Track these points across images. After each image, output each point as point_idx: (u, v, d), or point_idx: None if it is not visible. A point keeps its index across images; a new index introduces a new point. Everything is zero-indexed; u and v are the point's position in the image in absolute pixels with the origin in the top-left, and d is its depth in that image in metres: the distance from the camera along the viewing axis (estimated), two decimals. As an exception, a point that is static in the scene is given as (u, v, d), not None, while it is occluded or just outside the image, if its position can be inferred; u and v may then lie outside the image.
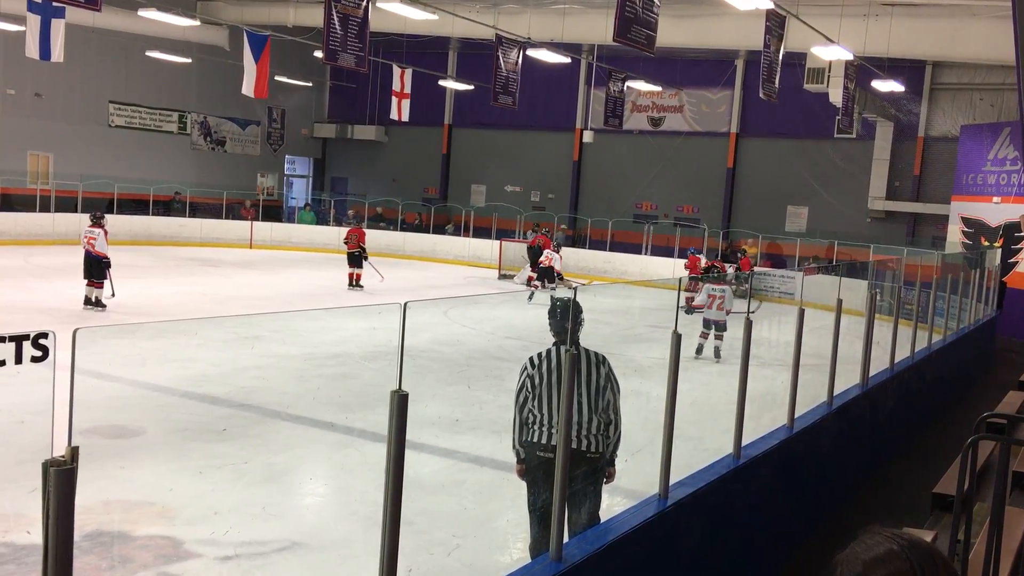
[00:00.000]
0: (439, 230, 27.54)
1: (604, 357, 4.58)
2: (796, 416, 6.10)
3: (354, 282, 18.11)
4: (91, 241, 13.01)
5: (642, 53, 11.27)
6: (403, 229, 27.43)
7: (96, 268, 13.01)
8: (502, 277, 21.78)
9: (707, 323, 11.98)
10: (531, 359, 4.55)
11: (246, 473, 6.40)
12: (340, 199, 31.13)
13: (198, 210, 26.38)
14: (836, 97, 18.02)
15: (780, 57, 14.04)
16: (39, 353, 1.81)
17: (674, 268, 22.43)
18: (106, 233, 13.39)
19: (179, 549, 4.98)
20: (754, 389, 5.40)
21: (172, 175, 27.11)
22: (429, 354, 10.89)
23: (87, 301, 13.05)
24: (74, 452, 1.88)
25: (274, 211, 30.06)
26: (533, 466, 4.53)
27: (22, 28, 16.68)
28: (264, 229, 26.56)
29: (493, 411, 8.74)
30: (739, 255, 21.16)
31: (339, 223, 28.25)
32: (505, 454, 7.20)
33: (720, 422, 5.74)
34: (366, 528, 5.54)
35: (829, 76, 18.24)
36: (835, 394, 6.87)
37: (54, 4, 14.44)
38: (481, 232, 26.42)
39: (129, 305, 13.72)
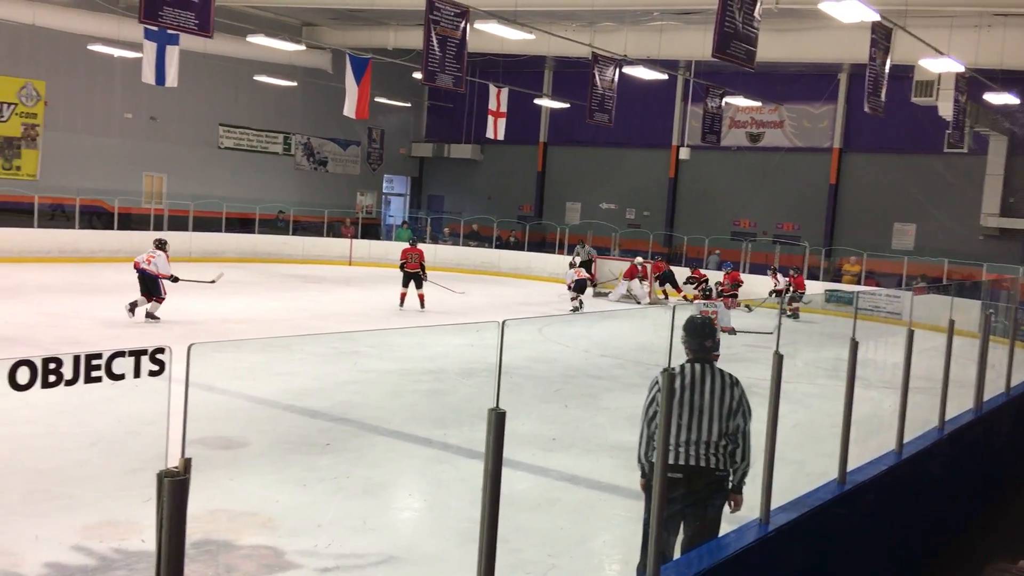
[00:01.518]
0: (534, 247, 27.63)
1: (737, 379, 4.47)
2: (905, 441, 5.86)
3: (407, 303, 16.98)
4: (150, 259, 13.45)
5: (741, 68, 11.10)
6: (498, 246, 27.63)
7: (153, 285, 13.44)
8: (597, 295, 21.68)
9: None
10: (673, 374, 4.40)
11: (345, 486, 6.52)
12: (436, 217, 31.60)
13: (300, 228, 27.17)
14: (946, 110, 17.36)
15: (886, 70, 13.61)
16: (156, 367, 1.88)
17: (774, 287, 21.92)
18: (167, 256, 13.81)
19: (281, 559, 5.09)
20: (859, 412, 5.22)
21: (276, 194, 28.02)
22: (523, 371, 10.91)
23: (147, 315, 13.51)
24: (187, 463, 1.95)
25: (372, 229, 30.72)
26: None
27: (139, 55, 17.55)
28: (363, 246, 27.16)
29: (588, 430, 8.70)
30: (726, 269, 20.38)
31: (435, 240, 28.67)
32: (602, 474, 7.17)
33: (823, 446, 5.56)
34: (460, 544, 5.57)
35: (938, 89, 17.61)
36: (947, 419, 6.57)
37: (169, 32, 15.14)
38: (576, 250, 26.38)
39: (235, 320, 14.20)
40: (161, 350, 1.90)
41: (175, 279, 13.62)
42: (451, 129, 31.92)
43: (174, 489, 1.94)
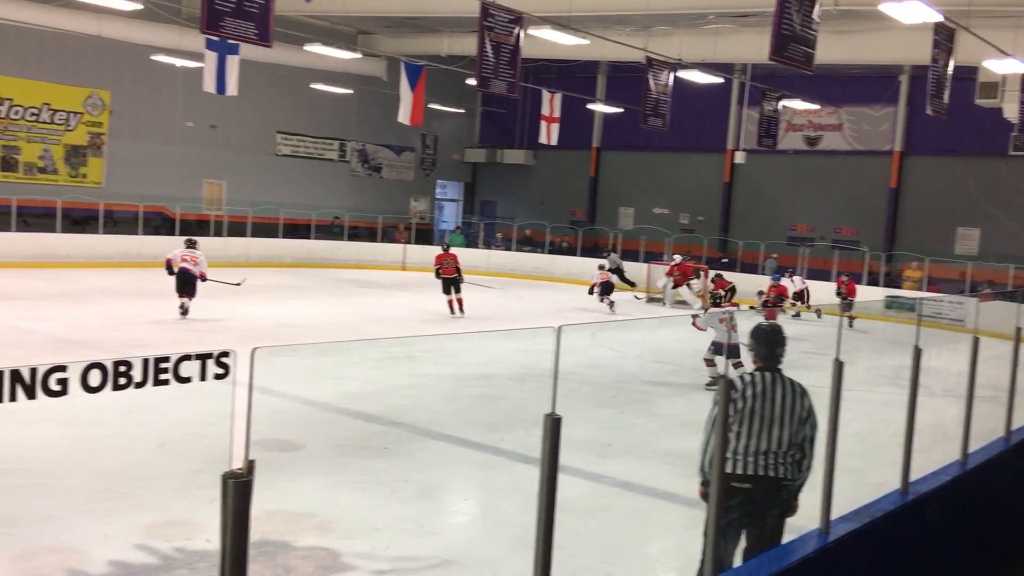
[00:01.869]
0: (587, 253, 27.57)
1: (805, 388, 4.40)
2: (969, 451, 5.71)
3: (457, 309, 16.80)
4: (194, 260, 14.05)
5: (799, 71, 10.95)
6: (551, 252, 27.61)
7: (191, 284, 14.01)
8: (651, 300, 21.53)
9: (720, 348, 10.95)
10: (733, 382, 4.32)
11: (400, 489, 6.57)
12: (489, 222, 31.71)
13: (355, 233, 27.49)
14: (1011, 112, 16.92)
15: (949, 71, 13.31)
16: (221, 371, 1.92)
17: (832, 292, 21.56)
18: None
19: (337, 561, 5.15)
20: (922, 421, 5.10)
21: (332, 200, 28.40)
22: (576, 377, 10.88)
23: (183, 310, 14.01)
24: (250, 465, 1.98)
25: (426, 234, 30.95)
26: (726, 496, 4.34)
27: (200, 65, 17.94)
28: (416, 252, 27.34)
29: (642, 436, 8.64)
30: (713, 279, 18.53)
31: (488, 246, 28.77)
32: (657, 480, 7.11)
33: (885, 455, 5.45)
34: (514, 549, 5.57)
35: (1003, 91, 17.17)
36: (1013, 429, 6.39)
37: (229, 42, 15.45)
38: (629, 255, 26.25)
39: (292, 324, 14.42)
40: (226, 354, 1.94)
41: (204, 279, 14.19)
42: (504, 134, 32.01)
43: (238, 490, 1.98)
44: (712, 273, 18.10)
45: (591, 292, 19.23)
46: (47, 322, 12.93)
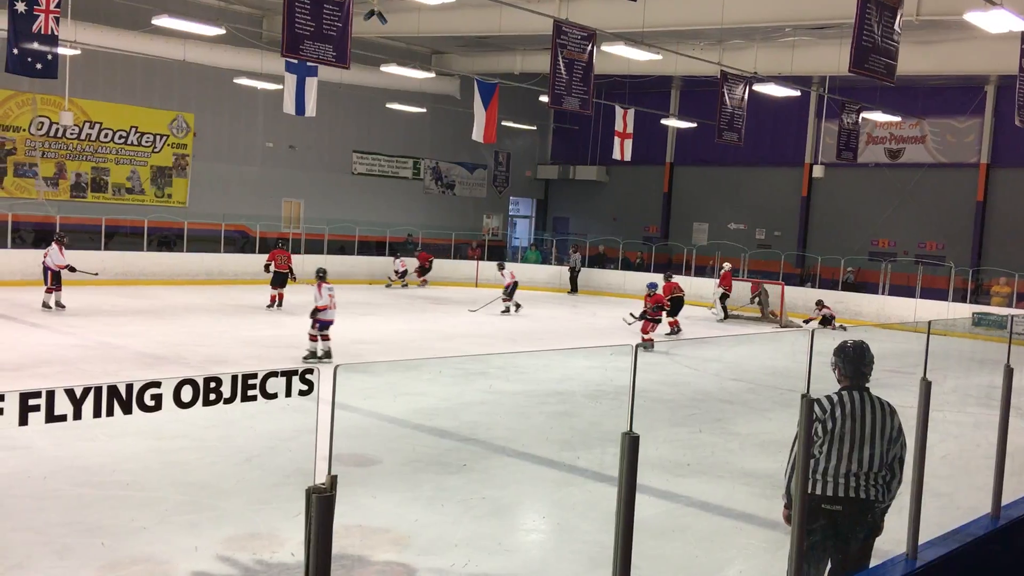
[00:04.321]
0: (660, 268, 27.32)
1: (894, 407, 4.28)
2: (1067, 476, 5.46)
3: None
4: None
5: (879, 83, 10.71)
6: (623, 268, 27.46)
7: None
8: (727, 317, 21.21)
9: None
10: (819, 402, 4.20)
11: (474, 506, 6.58)
12: (562, 238, 31.71)
13: (428, 250, 27.77)
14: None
15: (1039, 80, 12.85)
16: (305, 387, 1.96)
17: (916, 309, 20.94)
18: None
19: (413, 576, 5.18)
20: (1014, 443, 4.91)
21: (406, 218, 28.78)
22: (652, 394, 10.77)
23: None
24: (333, 480, 2.01)
25: (498, 251, 31.10)
26: (812, 518, 4.23)
27: (280, 87, 18.42)
28: (489, 268, 27.49)
29: (719, 456, 8.49)
30: (652, 289, 16.14)
31: (560, 262, 28.76)
32: (735, 501, 6.98)
33: (975, 478, 5.26)
34: (589, 568, 5.52)
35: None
36: (1114, 453, 6.09)
37: (308, 64, 15.84)
38: (703, 271, 25.94)
39: (367, 341, 14.61)
40: (310, 371, 1.97)
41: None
42: (577, 151, 32.02)
43: (321, 505, 2.01)
44: (650, 287, 16.25)
45: (505, 292, 19.77)
46: (134, 338, 13.37)
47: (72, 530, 5.55)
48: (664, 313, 16.13)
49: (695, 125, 25.27)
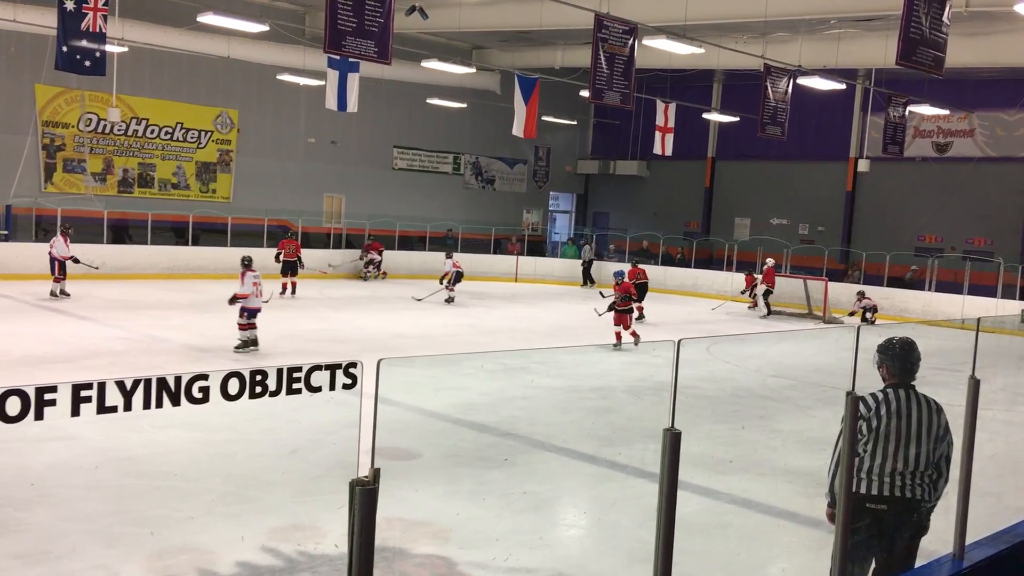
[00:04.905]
0: (701, 264, 27.13)
1: (940, 405, 4.19)
2: (1121, 477, 5.33)
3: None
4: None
5: (926, 75, 10.51)
6: (664, 263, 27.29)
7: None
8: (771, 313, 20.98)
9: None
10: (864, 400, 4.11)
11: (514, 500, 6.60)
12: (602, 233, 31.60)
13: (468, 245, 27.85)
14: None
15: (1094, 71, 12.52)
16: (349, 381, 1.98)
17: (963, 306, 20.54)
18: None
19: (453, 570, 5.21)
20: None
21: (446, 213, 28.87)
22: (692, 391, 10.70)
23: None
24: (376, 473, 2.03)
25: (538, 246, 31.08)
26: (856, 517, 4.18)
27: (322, 83, 18.58)
28: (528, 263, 27.52)
29: (762, 453, 8.41)
30: (619, 278, 15.34)
31: (600, 257, 28.65)
32: (777, 499, 6.91)
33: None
34: (629, 564, 5.51)
35: None
36: None
37: (350, 60, 15.94)
38: (745, 266, 25.69)
39: (407, 335, 14.70)
40: (354, 364, 1.99)
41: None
42: (617, 146, 31.88)
43: (364, 498, 2.02)
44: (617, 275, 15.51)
45: (441, 281, 19.72)
46: (179, 331, 13.59)
47: (120, 519, 5.66)
48: (632, 302, 15.31)
49: (737, 119, 25.01)
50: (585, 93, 15.17)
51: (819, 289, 21.28)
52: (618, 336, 14.16)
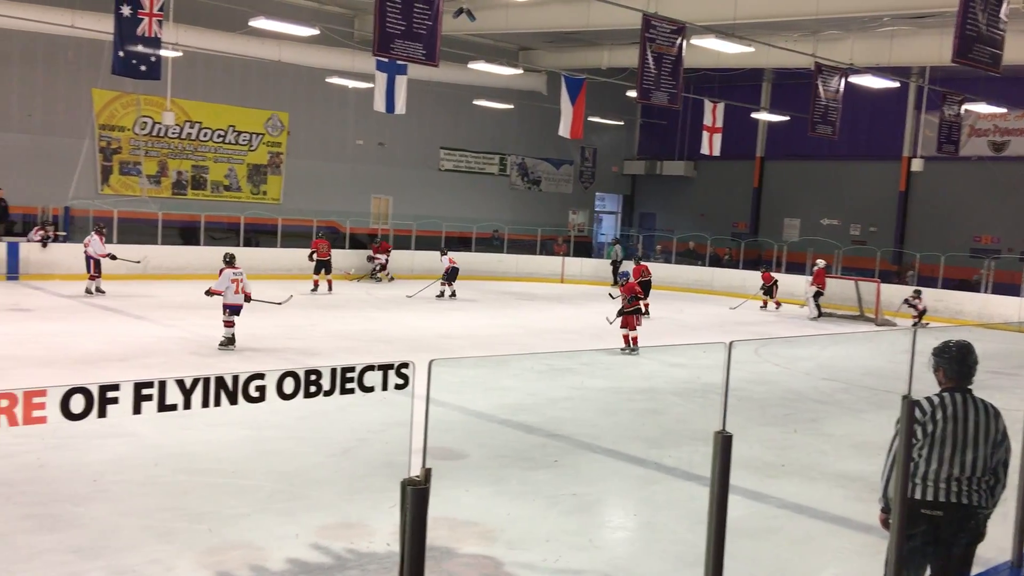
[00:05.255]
0: (749, 265, 26.83)
1: (998, 410, 4.10)
2: None
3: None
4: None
5: (983, 73, 10.27)
6: (711, 264, 27.05)
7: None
8: (821, 315, 20.67)
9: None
10: (920, 404, 4.03)
11: (560, 501, 6.59)
12: (648, 234, 31.43)
13: (514, 246, 27.90)
14: None
15: None
16: (401, 381, 1.99)
17: (1021, 308, 20.05)
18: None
19: (500, 570, 5.22)
20: None
21: (492, 213, 28.95)
22: (740, 393, 10.59)
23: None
24: (427, 473, 2.04)
25: (584, 247, 31.01)
26: (911, 523, 4.10)
27: (371, 85, 18.74)
28: (575, 264, 27.48)
29: (812, 457, 8.30)
30: (624, 279, 15.06)
31: (646, 258, 28.49)
32: (827, 504, 6.81)
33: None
34: (676, 568, 5.48)
35: None
36: None
37: (399, 63, 16.07)
38: (794, 268, 25.35)
39: (454, 336, 14.77)
40: (406, 365, 2.01)
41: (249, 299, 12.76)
42: (664, 146, 31.68)
43: (415, 497, 2.04)
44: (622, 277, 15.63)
45: (445, 276, 20.32)
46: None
47: (175, 515, 5.77)
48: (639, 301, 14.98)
49: (787, 118, 24.72)
50: (632, 93, 15.12)
51: (871, 291, 20.92)
52: (625, 339, 13.87)
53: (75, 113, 21.74)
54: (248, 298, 12.50)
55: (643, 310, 15.31)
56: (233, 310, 12.37)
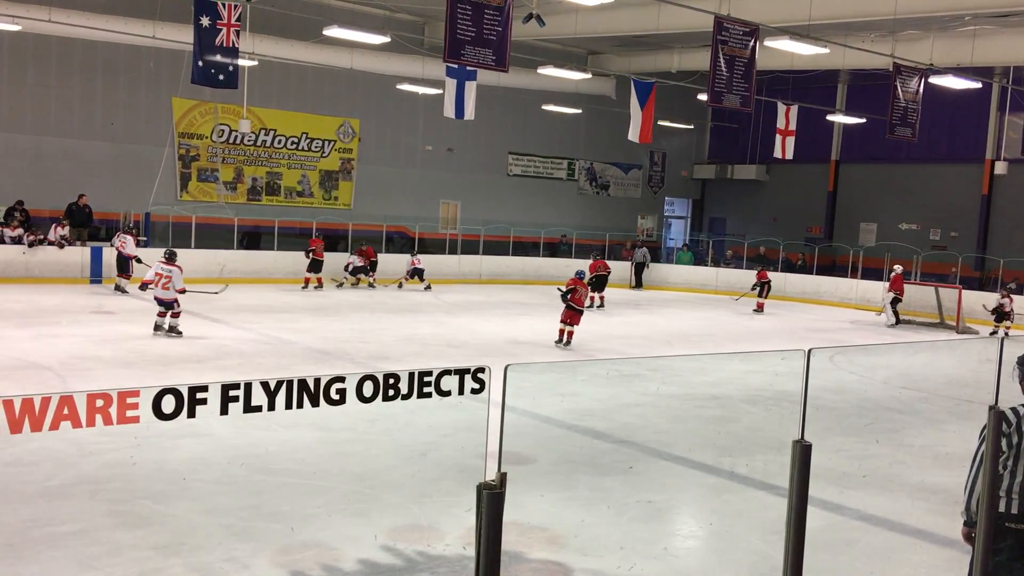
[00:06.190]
0: (823, 271, 26.27)
1: None
2: None
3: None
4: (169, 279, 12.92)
5: (1074, 71, 9.90)
6: (784, 270, 26.56)
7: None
8: (899, 323, 20.12)
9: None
10: (1004, 415, 3.87)
11: (630, 508, 6.54)
12: (718, 239, 31.02)
13: (583, 251, 27.79)
14: None
15: None
16: (477, 385, 2.00)
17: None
18: (181, 270, 13.27)
19: (570, 576, 5.20)
20: None
21: (560, 218, 28.92)
22: (815, 401, 10.35)
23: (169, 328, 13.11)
24: (503, 478, 2.05)
25: (653, 252, 30.73)
26: (997, 538, 3.95)
27: (440, 92, 18.92)
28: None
29: (890, 468, 8.08)
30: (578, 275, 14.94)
31: (717, 264, 28.13)
32: (906, 516, 6.62)
33: None
34: (749, 578, 5.38)
35: None
36: None
37: (468, 69, 16.18)
38: (871, 273, 24.73)
39: (521, 340, 14.78)
40: (482, 369, 2.01)
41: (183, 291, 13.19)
42: (735, 149, 31.25)
43: (491, 501, 2.05)
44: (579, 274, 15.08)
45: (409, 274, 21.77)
46: (304, 333, 14.06)
47: (250, 514, 5.89)
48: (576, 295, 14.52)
49: (864, 121, 24.16)
50: (703, 96, 14.95)
51: (952, 297, 20.28)
52: (561, 332, 14.09)
53: (156, 121, 22.42)
54: (183, 291, 13.16)
55: (592, 304, 16.41)
56: (159, 302, 13.04)
